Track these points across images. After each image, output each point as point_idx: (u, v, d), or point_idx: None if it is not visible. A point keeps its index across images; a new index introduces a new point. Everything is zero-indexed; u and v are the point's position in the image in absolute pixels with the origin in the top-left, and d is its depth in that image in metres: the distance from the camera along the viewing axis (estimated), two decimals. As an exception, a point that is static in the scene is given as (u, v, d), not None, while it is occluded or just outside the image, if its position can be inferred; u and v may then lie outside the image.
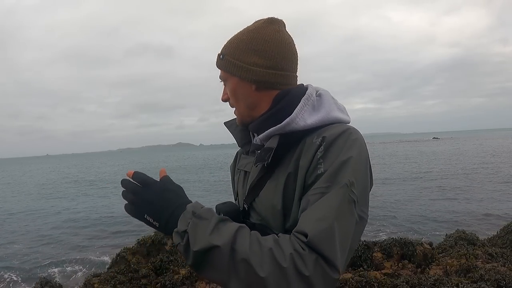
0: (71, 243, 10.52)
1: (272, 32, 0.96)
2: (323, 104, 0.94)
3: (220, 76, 1.04)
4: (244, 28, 1.02)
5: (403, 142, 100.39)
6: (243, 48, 0.97)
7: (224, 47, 1.03)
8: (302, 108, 0.92)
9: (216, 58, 1.04)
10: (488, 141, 66.58)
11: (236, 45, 0.98)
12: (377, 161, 33.92)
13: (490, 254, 4.70)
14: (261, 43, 0.95)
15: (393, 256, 4.79)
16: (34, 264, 8.37)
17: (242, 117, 1.04)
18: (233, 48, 0.99)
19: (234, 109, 1.05)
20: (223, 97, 1.06)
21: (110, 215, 14.46)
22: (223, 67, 1.01)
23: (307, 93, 0.95)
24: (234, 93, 1.01)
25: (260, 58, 0.95)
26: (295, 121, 0.90)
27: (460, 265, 4.30)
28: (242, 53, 0.97)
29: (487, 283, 3.68)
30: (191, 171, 38.86)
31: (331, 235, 0.72)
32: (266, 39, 0.95)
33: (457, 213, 11.25)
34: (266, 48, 0.95)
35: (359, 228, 0.81)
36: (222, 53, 1.02)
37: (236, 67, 0.97)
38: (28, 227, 13.34)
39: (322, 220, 0.73)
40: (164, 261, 5.05)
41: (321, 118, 0.91)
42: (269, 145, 0.92)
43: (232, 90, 1.01)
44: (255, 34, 0.96)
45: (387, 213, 11.60)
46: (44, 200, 21.68)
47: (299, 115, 0.91)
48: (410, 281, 3.90)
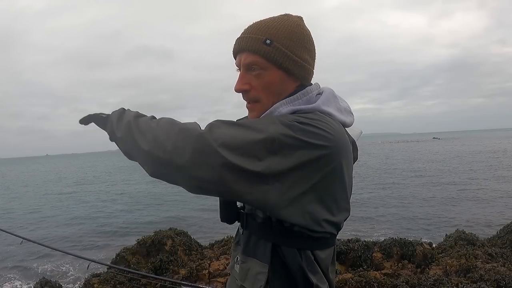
0: (71, 243, 10.52)
1: (310, 33, 0.96)
2: (318, 100, 0.92)
3: (253, 62, 0.89)
4: (276, 17, 0.94)
5: (403, 142, 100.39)
6: (297, 42, 0.91)
7: (266, 31, 0.90)
8: (292, 100, 0.90)
9: (249, 40, 0.90)
10: (489, 141, 66.58)
11: (289, 36, 0.90)
12: (377, 161, 33.91)
13: (490, 254, 4.70)
14: (310, 42, 0.94)
15: (393, 256, 4.79)
16: (34, 264, 8.36)
17: (263, 112, 0.92)
18: (285, 38, 0.90)
19: (252, 103, 0.94)
20: (243, 86, 0.92)
21: (110, 215, 14.46)
22: (269, 55, 0.88)
23: (307, 88, 0.93)
24: (271, 86, 0.90)
25: (309, 56, 0.94)
26: (278, 110, 0.89)
27: (460, 265, 4.30)
28: (296, 46, 0.91)
29: (487, 283, 3.68)
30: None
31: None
32: (311, 39, 0.95)
33: (457, 213, 11.25)
34: (313, 48, 0.95)
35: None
36: (268, 38, 0.89)
37: (289, 60, 0.90)
38: (28, 227, 13.34)
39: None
40: (163, 261, 5.05)
41: (306, 108, 0.88)
42: None
43: (270, 82, 0.90)
44: (304, 30, 0.93)
45: (387, 213, 11.60)
46: (44, 200, 21.67)
47: (284, 104, 0.89)
48: (410, 281, 3.90)
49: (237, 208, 0.99)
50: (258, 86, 0.90)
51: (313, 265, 0.87)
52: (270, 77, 0.90)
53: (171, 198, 18.19)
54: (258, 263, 0.90)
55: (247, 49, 0.90)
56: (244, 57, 0.90)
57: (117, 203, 17.71)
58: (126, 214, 14.79)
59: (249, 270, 0.91)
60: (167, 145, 0.80)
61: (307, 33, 0.94)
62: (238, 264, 0.97)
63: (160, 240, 5.49)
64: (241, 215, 0.98)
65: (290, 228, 0.86)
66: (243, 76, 0.92)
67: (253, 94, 0.92)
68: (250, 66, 0.90)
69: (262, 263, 0.88)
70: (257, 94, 0.91)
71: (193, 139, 0.78)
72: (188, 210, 14.68)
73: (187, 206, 15.58)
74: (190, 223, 11.75)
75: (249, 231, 0.95)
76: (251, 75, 0.91)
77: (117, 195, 20.69)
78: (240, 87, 0.92)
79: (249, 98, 0.93)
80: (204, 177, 0.78)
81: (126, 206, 16.85)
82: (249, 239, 0.95)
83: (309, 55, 0.94)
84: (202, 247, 5.92)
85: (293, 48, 0.90)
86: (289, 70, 0.90)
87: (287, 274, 0.86)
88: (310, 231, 0.85)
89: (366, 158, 39.10)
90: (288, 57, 0.89)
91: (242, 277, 0.94)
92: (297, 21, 0.94)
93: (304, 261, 0.86)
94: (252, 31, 0.91)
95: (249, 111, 0.96)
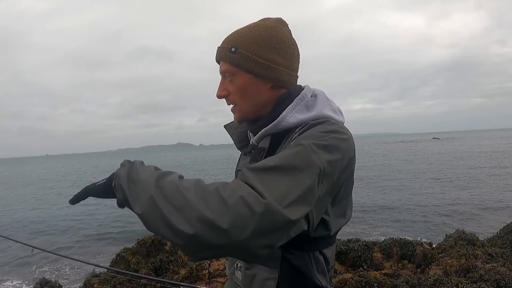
0: (70, 243, 10.52)
1: (287, 33, 0.97)
2: (317, 104, 0.94)
3: (225, 70, 0.95)
4: (252, 23, 0.97)
5: (403, 142, 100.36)
6: (263, 44, 0.93)
7: (233, 39, 0.95)
8: (294, 107, 0.93)
9: (221, 50, 0.96)
10: (489, 141, 66.55)
11: (253, 40, 0.93)
12: (377, 161, 33.91)
13: (490, 254, 4.70)
14: (281, 42, 0.94)
15: (393, 256, 4.79)
16: (34, 264, 8.36)
17: (244, 115, 0.98)
18: (250, 43, 0.93)
19: (233, 106, 0.99)
20: (222, 93, 0.97)
21: (110, 215, 14.46)
22: (235, 61, 0.93)
23: (302, 93, 0.96)
24: (243, 90, 0.94)
25: (280, 57, 0.94)
26: (286, 120, 0.91)
27: (460, 265, 4.30)
28: (261, 49, 0.93)
29: (487, 283, 3.68)
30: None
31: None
32: (284, 39, 0.95)
33: (457, 213, 11.25)
34: (285, 47, 0.95)
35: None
36: (233, 46, 0.93)
37: (254, 63, 0.92)
38: (27, 227, 13.34)
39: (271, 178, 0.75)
40: (163, 261, 5.05)
41: (312, 116, 0.91)
42: (261, 145, 0.95)
43: (241, 86, 0.94)
44: (273, 32, 0.94)
45: (387, 213, 11.60)
46: (42, 200, 21.67)
47: (289, 113, 0.92)
48: (410, 281, 3.90)
49: None
50: (233, 91, 0.96)
51: (322, 265, 0.88)
52: (240, 81, 0.94)
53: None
54: (265, 269, 0.88)
55: (219, 58, 0.97)
56: (220, 65, 0.97)
57: (115, 202, 17.68)
58: (126, 214, 14.79)
59: (255, 277, 0.90)
60: (221, 223, 0.66)
61: (278, 34, 0.94)
62: (240, 271, 0.96)
63: (160, 240, 5.49)
64: None
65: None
66: (222, 83, 0.98)
67: (231, 98, 0.97)
68: (224, 73, 0.96)
69: (270, 269, 0.87)
70: (233, 99, 0.97)
71: (255, 207, 0.67)
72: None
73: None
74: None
75: None
76: (227, 81, 0.97)
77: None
78: (219, 93, 0.98)
79: (228, 102, 0.99)
80: (271, 244, 0.71)
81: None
82: None
83: (280, 55, 0.94)
84: (202, 247, 5.91)
85: (258, 51, 0.92)
86: (256, 72, 0.93)
87: (296, 277, 0.86)
88: (321, 231, 0.87)
89: (367, 159, 39.11)
90: (253, 61, 0.92)
91: (246, 283, 0.93)
92: (268, 24, 0.95)
93: (314, 262, 0.87)
94: (224, 41, 0.97)
95: (232, 113, 1.02)
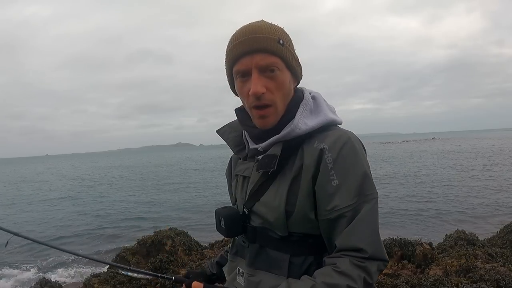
0: (70, 243, 10.52)
1: None
2: (320, 108, 0.94)
3: (271, 63, 0.84)
4: (264, 21, 0.88)
5: (403, 142, 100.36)
6: (292, 45, 0.91)
7: (274, 31, 0.85)
8: (301, 113, 0.91)
9: (265, 40, 0.83)
10: (488, 141, 66.56)
11: (289, 38, 0.90)
12: (377, 161, 33.91)
13: (490, 254, 4.69)
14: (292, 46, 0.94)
15: (393, 256, 4.79)
16: (34, 264, 8.36)
17: (278, 118, 0.90)
18: (289, 40, 0.89)
19: (264, 109, 0.87)
20: (262, 89, 0.84)
21: (110, 215, 14.46)
22: (283, 55, 0.85)
23: (305, 98, 0.95)
24: (283, 87, 0.87)
25: (298, 61, 0.96)
26: (298, 127, 0.89)
27: (460, 265, 4.29)
28: (293, 48, 0.91)
29: (487, 283, 3.68)
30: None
31: (380, 242, 0.82)
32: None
33: (457, 213, 11.23)
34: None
35: None
36: (281, 38, 0.85)
37: (295, 61, 0.91)
38: (27, 227, 13.33)
39: (372, 234, 0.81)
40: (163, 261, 5.05)
41: (320, 122, 0.91)
42: (272, 152, 0.90)
43: (283, 83, 0.87)
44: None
45: (387, 213, 11.59)
46: (42, 200, 21.67)
47: (300, 121, 0.90)
48: (410, 281, 3.90)
49: (242, 222, 0.97)
50: (273, 88, 0.85)
51: None
52: (283, 78, 0.87)
53: (172, 198, 18.19)
54: (272, 276, 0.88)
55: (265, 49, 0.83)
56: (261, 57, 0.83)
57: (116, 202, 17.71)
58: (125, 214, 14.78)
59: (260, 283, 0.89)
60: None
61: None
62: (242, 277, 0.95)
63: (160, 240, 5.49)
64: (248, 229, 0.95)
65: (308, 237, 0.87)
66: (257, 78, 0.84)
67: (268, 97, 0.85)
68: (269, 67, 0.84)
69: (277, 276, 0.87)
70: (271, 97, 0.86)
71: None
72: (188, 210, 14.67)
73: (187, 206, 15.58)
74: (190, 223, 11.75)
75: (260, 245, 0.93)
76: (267, 76, 0.85)
77: (114, 195, 20.74)
78: (260, 89, 0.83)
79: (264, 101, 0.86)
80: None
81: (126, 205, 16.85)
82: (259, 252, 0.92)
83: (298, 59, 0.96)
84: (202, 247, 5.91)
85: (293, 48, 0.92)
86: (295, 71, 0.91)
87: None
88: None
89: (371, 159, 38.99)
90: (295, 58, 0.90)
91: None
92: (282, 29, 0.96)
93: (319, 266, 0.87)
94: (264, 31, 0.84)
95: (260, 118, 0.89)
